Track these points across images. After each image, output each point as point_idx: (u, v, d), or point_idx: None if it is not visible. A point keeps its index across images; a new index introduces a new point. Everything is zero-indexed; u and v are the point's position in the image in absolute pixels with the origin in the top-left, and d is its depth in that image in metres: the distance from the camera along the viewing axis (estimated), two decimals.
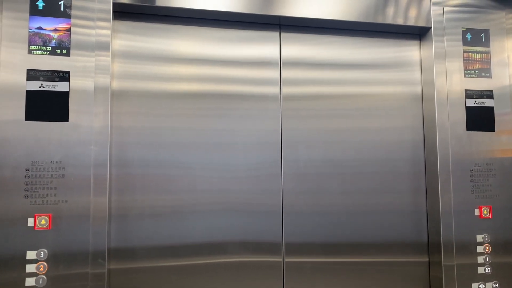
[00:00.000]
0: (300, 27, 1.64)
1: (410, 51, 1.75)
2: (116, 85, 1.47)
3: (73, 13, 1.36)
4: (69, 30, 1.35)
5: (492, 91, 1.69)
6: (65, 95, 1.32)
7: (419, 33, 1.75)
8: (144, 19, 1.52)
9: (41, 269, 1.26)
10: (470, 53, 1.69)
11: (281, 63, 1.62)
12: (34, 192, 1.27)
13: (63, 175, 1.30)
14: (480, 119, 1.66)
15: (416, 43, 1.76)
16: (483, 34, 1.71)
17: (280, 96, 1.61)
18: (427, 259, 1.68)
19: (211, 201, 1.51)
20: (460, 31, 1.69)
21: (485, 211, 1.62)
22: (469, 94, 1.66)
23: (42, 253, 1.26)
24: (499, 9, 1.74)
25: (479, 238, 1.61)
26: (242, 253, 1.52)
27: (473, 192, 1.62)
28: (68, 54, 1.34)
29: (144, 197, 1.46)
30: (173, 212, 1.48)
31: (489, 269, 1.59)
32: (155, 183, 1.47)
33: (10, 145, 1.27)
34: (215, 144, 1.53)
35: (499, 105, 1.68)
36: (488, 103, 1.68)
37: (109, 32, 1.38)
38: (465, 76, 1.67)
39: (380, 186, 1.66)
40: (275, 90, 1.61)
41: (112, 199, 1.42)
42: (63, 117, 1.32)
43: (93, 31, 1.37)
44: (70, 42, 1.35)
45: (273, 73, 1.61)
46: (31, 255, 1.25)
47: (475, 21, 1.71)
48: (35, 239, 1.26)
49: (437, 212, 1.61)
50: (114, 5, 1.42)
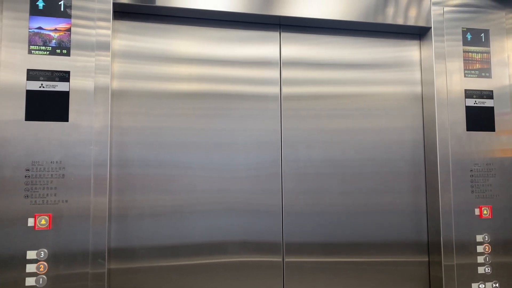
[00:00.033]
0: (300, 27, 1.65)
1: (410, 51, 1.75)
2: (116, 85, 1.47)
3: (73, 13, 1.36)
4: (69, 30, 1.35)
5: (492, 91, 1.69)
6: (65, 95, 1.33)
7: (419, 33, 1.75)
8: (144, 19, 1.52)
9: (41, 269, 1.26)
10: (470, 53, 1.69)
11: (281, 63, 1.62)
12: (34, 192, 1.27)
13: (63, 175, 1.30)
14: (480, 119, 1.66)
15: (416, 43, 1.76)
16: (483, 34, 1.71)
17: (280, 96, 1.61)
18: (427, 259, 1.68)
19: (211, 201, 1.51)
20: (460, 31, 1.69)
21: (485, 211, 1.62)
22: (469, 94, 1.66)
23: (42, 253, 1.26)
24: (499, 9, 1.74)
25: (479, 238, 1.61)
26: (242, 253, 1.52)
27: (473, 192, 1.62)
28: (68, 54, 1.34)
29: (144, 197, 1.46)
30: (173, 212, 1.48)
31: (489, 269, 1.60)
32: (155, 183, 1.47)
33: (10, 145, 1.27)
34: (215, 144, 1.53)
35: (499, 105, 1.68)
36: (488, 103, 1.68)
37: (109, 32, 1.38)
38: (465, 76, 1.67)
39: (380, 186, 1.66)
40: (275, 90, 1.61)
41: (112, 199, 1.42)
42: (63, 117, 1.32)
43: (93, 31, 1.37)
44: (70, 42, 1.35)
45: (273, 73, 1.61)
46: (31, 255, 1.25)
47: (475, 21, 1.71)
48: (35, 239, 1.26)
49: (437, 212, 1.61)
50: (114, 5, 1.42)
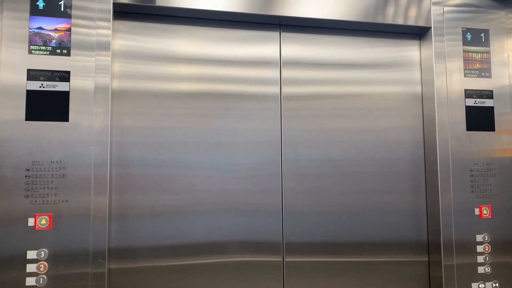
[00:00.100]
0: (300, 27, 1.65)
1: (410, 51, 1.75)
2: (116, 85, 1.47)
3: (73, 13, 1.36)
4: (69, 30, 1.35)
5: (492, 91, 1.69)
6: (66, 95, 1.33)
7: (419, 33, 1.75)
8: (144, 19, 1.52)
9: (41, 269, 1.26)
10: (470, 53, 1.69)
11: (281, 63, 1.62)
12: (34, 192, 1.27)
13: (63, 175, 1.30)
14: (480, 119, 1.66)
15: (416, 43, 1.76)
16: (483, 34, 1.71)
17: (280, 96, 1.61)
18: (427, 259, 1.68)
19: (211, 201, 1.51)
20: (460, 31, 1.69)
21: (485, 210, 1.62)
22: (469, 94, 1.66)
23: (42, 252, 1.26)
24: (499, 9, 1.74)
25: (479, 237, 1.61)
26: (242, 253, 1.52)
27: (473, 191, 1.63)
28: (68, 54, 1.34)
29: (144, 197, 1.46)
30: (173, 212, 1.48)
31: (489, 269, 1.60)
32: (155, 183, 1.47)
33: (10, 145, 1.27)
34: (215, 143, 1.54)
35: (499, 105, 1.68)
36: (488, 103, 1.68)
37: (109, 32, 1.38)
38: (465, 76, 1.67)
39: (380, 186, 1.66)
40: (275, 90, 1.61)
41: (112, 199, 1.42)
42: (64, 117, 1.32)
43: (93, 31, 1.37)
44: (70, 42, 1.35)
45: (273, 73, 1.61)
46: (31, 254, 1.26)
47: (475, 21, 1.71)
48: (35, 238, 1.26)
49: (437, 211, 1.61)
50: (114, 5, 1.42)
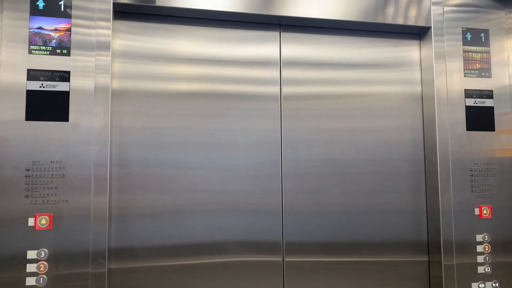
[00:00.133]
0: (300, 27, 1.65)
1: (410, 51, 1.75)
2: (116, 85, 1.47)
3: (73, 13, 1.36)
4: (69, 30, 1.35)
5: (492, 91, 1.69)
6: (66, 95, 1.33)
7: (419, 33, 1.75)
8: (144, 19, 1.52)
9: (41, 269, 1.26)
10: (470, 53, 1.69)
11: (281, 63, 1.62)
12: (34, 191, 1.28)
13: (63, 175, 1.30)
14: (480, 119, 1.66)
15: (416, 43, 1.76)
16: (483, 34, 1.71)
17: (280, 95, 1.61)
18: (427, 259, 1.68)
19: (211, 201, 1.51)
20: (460, 31, 1.69)
21: (485, 210, 1.62)
22: (469, 93, 1.66)
23: (42, 252, 1.26)
24: (499, 9, 1.74)
25: (479, 237, 1.61)
26: (242, 253, 1.52)
27: (473, 191, 1.63)
28: (68, 54, 1.34)
29: (144, 197, 1.46)
30: (173, 211, 1.48)
31: (489, 269, 1.60)
32: (155, 182, 1.47)
33: (10, 145, 1.27)
34: (215, 143, 1.54)
35: (498, 104, 1.68)
36: (488, 103, 1.68)
37: (109, 32, 1.38)
38: (465, 76, 1.67)
39: (380, 186, 1.66)
40: (275, 90, 1.61)
41: (112, 199, 1.42)
42: (64, 117, 1.32)
43: (93, 31, 1.37)
44: (70, 42, 1.35)
45: (273, 73, 1.61)
46: (31, 254, 1.26)
47: (475, 21, 1.71)
48: (35, 238, 1.26)
49: (437, 211, 1.61)
50: (114, 5, 1.42)
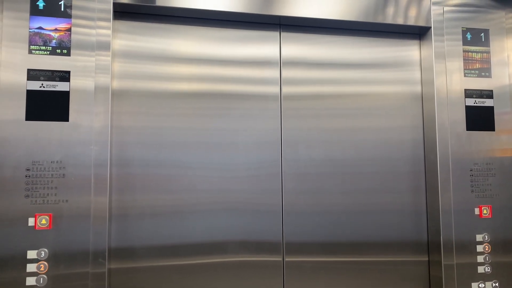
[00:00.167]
0: (300, 27, 1.65)
1: (410, 51, 1.75)
2: (116, 84, 1.47)
3: (74, 13, 1.36)
4: (69, 30, 1.35)
5: (492, 91, 1.69)
6: (66, 95, 1.33)
7: (419, 33, 1.75)
8: (144, 19, 1.52)
9: (41, 269, 1.26)
10: (470, 53, 1.69)
11: (281, 63, 1.62)
12: (34, 191, 1.28)
13: (63, 175, 1.30)
14: (479, 119, 1.66)
15: (416, 42, 1.76)
16: (483, 33, 1.71)
17: (280, 95, 1.61)
18: (427, 259, 1.68)
19: (211, 201, 1.51)
20: (460, 30, 1.69)
21: (485, 210, 1.62)
22: (469, 93, 1.66)
23: (42, 252, 1.26)
24: (499, 9, 1.74)
25: (479, 237, 1.61)
26: (242, 253, 1.52)
27: (473, 191, 1.63)
28: (68, 54, 1.34)
29: (144, 197, 1.46)
30: (173, 211, 1.48)
31: (488, 269, 1.60)
32: (156, 182, 1.47)
33: (10, 145, 1.27)
34: (215, 143, 1.54)
35: (498, 104, 1.68)
36: (488, 103, 1.68)
37: (109, 32, 1.38)
38: (465, 75, 1.67)
39: (380, 185, 1.66)
40: (275, 89, 1.61)
41: (112, 199, 1.42)
42: (64, 117, 1.32)
43: (93, 31, 1.37)
44: (70, 42, 1.35)
45: (273, 73, 1.61)
46: (31, 254, 1.26)
47: (475, 21, 1.71)
48: (35, 238, 1.26)
49: (437, 211, 1.61)
50: (114, 5, 1.42)
